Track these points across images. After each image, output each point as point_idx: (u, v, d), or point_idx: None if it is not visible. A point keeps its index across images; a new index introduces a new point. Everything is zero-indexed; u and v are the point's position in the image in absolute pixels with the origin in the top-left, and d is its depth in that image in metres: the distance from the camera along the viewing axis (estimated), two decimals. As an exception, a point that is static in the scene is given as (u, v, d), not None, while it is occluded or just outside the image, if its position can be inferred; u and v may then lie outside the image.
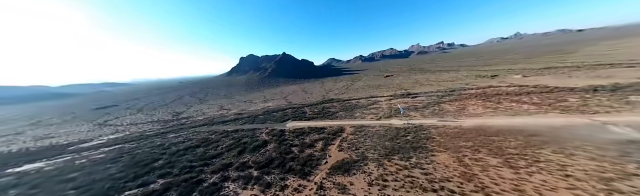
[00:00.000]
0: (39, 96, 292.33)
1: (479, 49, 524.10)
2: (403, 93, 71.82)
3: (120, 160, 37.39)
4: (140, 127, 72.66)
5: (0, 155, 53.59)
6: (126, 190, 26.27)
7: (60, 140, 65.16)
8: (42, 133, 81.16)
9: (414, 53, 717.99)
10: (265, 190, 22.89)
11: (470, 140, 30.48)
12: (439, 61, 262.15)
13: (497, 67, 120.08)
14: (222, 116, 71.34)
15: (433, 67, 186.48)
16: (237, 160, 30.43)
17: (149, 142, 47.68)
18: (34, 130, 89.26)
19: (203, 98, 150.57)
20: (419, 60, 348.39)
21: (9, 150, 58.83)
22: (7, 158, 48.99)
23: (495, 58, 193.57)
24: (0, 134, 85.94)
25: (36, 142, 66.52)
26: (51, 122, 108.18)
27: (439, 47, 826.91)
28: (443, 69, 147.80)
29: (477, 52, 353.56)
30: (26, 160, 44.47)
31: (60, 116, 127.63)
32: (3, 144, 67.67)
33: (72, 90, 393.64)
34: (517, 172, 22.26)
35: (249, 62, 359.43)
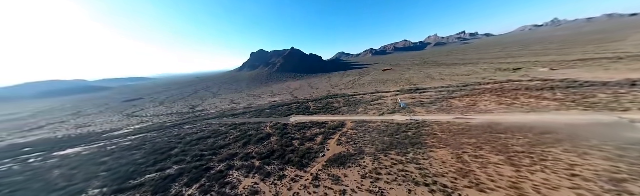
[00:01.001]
0: (79, 89, 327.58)
1: (506, 38, 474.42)
2: (411, 88, 69.38)
3: (144, 148, 41.93)
4: (162, 118, 79.42)
5: (48, 140, 62.56)
6: (147, 174, 29.85)
7: (96, 128, 73.84)
8: (81, 122, 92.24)
9: (430, 45, 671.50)
10: (265, 179, 24.75)
11: (474, 137, 29.54)
12: (457, 53, 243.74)
13: (522, 60, 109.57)
14: (232, 109, 75.20)
15: (449, 60, 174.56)
16: (242, 150, 32.80)
17: (167, 132, 52.45)
18: (76, 120, 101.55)
19: (216, 92, 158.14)
20: (434, 53, 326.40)
21: (56, 136, 68.22)
22: (55, 143, 57.07)
23: (524, 49, 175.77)
24: (49, 122, 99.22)
25: (77, 129, 76.10)
26: (89, 113, 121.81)
27: (460, 37, 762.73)
28: (460, 62, 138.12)
29: (503, 43, 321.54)
30: (69, 145, 51.55)
31: (96, 107, 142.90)
32: (51, 131, 78.42)
33: (106, 84, 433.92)
34: (518, 170, 21.58)
35: (259, 58, 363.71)
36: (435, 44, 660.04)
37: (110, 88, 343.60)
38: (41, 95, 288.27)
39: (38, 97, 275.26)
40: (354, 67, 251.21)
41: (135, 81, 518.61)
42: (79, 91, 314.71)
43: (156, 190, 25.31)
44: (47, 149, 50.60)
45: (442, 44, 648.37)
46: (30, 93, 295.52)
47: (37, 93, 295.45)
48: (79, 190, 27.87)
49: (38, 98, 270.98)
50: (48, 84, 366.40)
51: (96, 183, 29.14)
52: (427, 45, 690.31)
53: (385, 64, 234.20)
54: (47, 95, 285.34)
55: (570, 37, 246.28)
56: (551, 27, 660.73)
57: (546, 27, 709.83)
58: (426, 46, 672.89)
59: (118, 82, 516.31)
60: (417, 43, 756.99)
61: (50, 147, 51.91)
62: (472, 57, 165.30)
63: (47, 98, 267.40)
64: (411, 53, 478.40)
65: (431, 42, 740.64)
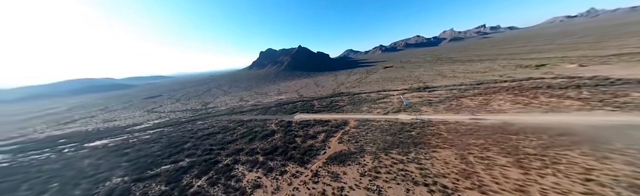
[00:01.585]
0: (107, 87, 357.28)
1: (533, 31, 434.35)
2: (420, 86, 66.96)
3: (160, 141, 45.24)
4: (177, 114, 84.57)
5: (80, 133, 69.41)
6: (162, 165, 32.38)
7: (120, 122, 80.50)
8: (108, 117, 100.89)
9: (445, 40, 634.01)
10: (268, 173, 25.86)
11: (483, 138, 28.34)
12: (475, 49, 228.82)
13: (548, 55, 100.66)
14: (241, 107, 78.00)
15: (465, 56, 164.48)
16: (248, 146, 34.31)
17: (182, 127, 55.95)
18: (103, 115, 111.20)
19: (227, 90, 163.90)
20: (449, 49, 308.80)
21: (86, 129, 75.47)
22: (85, 135, 63.28)
23: (551, 43, 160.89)
24: (81, 117, 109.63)
25: (104, 123, 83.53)
26: (115, 108, 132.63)
27: (479, 31, 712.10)
28: (476, 59, 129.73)
29: (529, 36, 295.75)
30: (97, 138, 56.94)
31: (121, 103, 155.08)
32: (83, 124, 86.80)
33: (130, 82, 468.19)
34: (527, 173, 20.56)
35: (268, 56, 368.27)
36: (451, 39, 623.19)
37: (134, 86, 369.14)
38: (76, 91, 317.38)
39: (73, 94, 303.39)
40: (361, 65, 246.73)
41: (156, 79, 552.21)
42: (107, 88, 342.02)
43: (170, 180, 27.49)
44: (79, 141, 56.32)
45: (459, 39, 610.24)
46: (66, 90, 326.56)
47: (73, 90, 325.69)
48: (105, 177, 31.00)
49: (73, 94, 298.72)
50: (81, 82, 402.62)
51: (119, 172, 32.19)
52: (442, 40, 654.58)
53: (395, 61, 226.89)
54: (80, 92, 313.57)
55: (607, 28, 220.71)
56: (586, 18, 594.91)
57: (580, 17, 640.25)
58: (441, 41, 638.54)
59: (141, 80, 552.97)
60: (430, 38, 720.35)
61: (81, 139, 57.71)
62: (491, 53, 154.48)
63: (80, 94, 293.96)
64: (424, 49, 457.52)
65: (446, 37, 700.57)
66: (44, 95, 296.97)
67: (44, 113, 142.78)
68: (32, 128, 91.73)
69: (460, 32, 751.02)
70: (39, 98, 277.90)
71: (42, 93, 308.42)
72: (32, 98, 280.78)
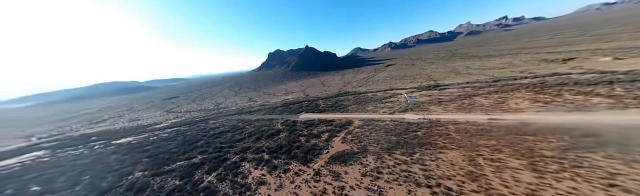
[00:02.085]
0: (133, 89, 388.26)
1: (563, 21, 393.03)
2: (430, 84, 64.07)
3: (177, 139, 48.40)
4: (192, 114, 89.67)
5: (109, 131, 76.31)
6: (178, 161, 34.72)
7: (143, 122, 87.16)
8: (133, 116, 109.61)
9: (461, 34, 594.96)
10: (272, 171, 26.73)
11: (495, 139, 26.82)
12: (494, 42, 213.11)
13: (578, 47, 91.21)
14: (250, 107, 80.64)
15: (482, 51, 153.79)
16: (254, 144, 35.60)
17: (196, 126, 59.29)
18: (129, 114, 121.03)
19: (237, 91, 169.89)
20: (465, 43, 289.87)
21: (115, 128, 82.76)
22: (113, 133, 69.47)
23: (583, 35, 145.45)
24: (110, 116, 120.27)
25: (129, 122, 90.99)
26: (139, 108, 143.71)
27: (500, 24, 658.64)
28: (495, 53, 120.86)
29: (557, 27, 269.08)
30: (123, 135, 62.25)
31: (144, 104, 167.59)
32: (111, 123, 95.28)
33: (153, 84, 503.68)
34: (541, 176, 19.23)
35: (276, 57, 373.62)
36: (468, 33, 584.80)
37: (156, 88, 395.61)
38: (106, 93, 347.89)
39: (104, 95, 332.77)
40: (369, 63, 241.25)
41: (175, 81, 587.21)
42: (133, 90, 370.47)
43: (183, 175, 29.48)
44: (107, 138, 61.99)
45: (476, 33, 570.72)
46: (98, 92, 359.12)
47: (103, 92, 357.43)
48: (128, 172, 33.97)
49: (104, 96, 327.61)
50: (111, 85, 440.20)
51: (140, 167, 35.08)
52: (458, 34, 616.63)
53: (405, 58, 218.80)
54: (110, 94, 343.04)
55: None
56: (628, 4, 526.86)
57: (621, 4, 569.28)
58: (456, 36, 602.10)
59: (162, 82, 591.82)
60: (445, 33, 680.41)
61: (109, 137, 63.45)
62: (512, 47, 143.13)
63: (110, 96, 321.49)
64: (437, 45, 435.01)
65: (462, 31, 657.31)
66: (80, 97, 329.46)
67: (79, 113, 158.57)
68: (69, 126, 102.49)
69: (479, 25, 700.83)
70: (76, 100, 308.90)
71: (79, 95, 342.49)
72: (71, 100, 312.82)
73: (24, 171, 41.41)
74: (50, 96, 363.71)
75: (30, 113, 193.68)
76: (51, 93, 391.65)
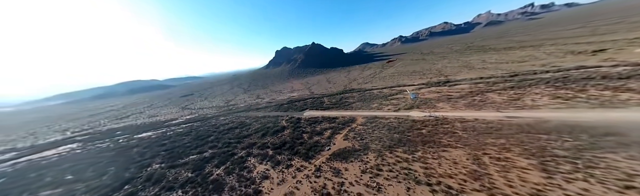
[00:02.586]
0: (153, 87, 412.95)
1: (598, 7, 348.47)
2: (440, 80, 61.30)
3: (190, 134, 51.45)
4: (205, 110, 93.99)
5: (132, 126, 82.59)
6: (190, 155, 37.15)
7: (161, 118, 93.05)
8: (153, 113, 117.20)
9: (480, 25, 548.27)
10: (275, 166, 27.83)
11: (504, 137, 25.66)
12: (516, 33, 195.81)
13: (612, 37, 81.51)
14: (257, 104, 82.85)
15: (501, 43, 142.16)
16: (260, 140, 37.01)
17: (207, 122, 62.41)
18: (149, 111, 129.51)
19: (246, 88, 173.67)
20: (483, 35, 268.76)
21: (136, 123, 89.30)
22: (136, 128, 75.16)
23: (621, 22, 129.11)
24: (133, 113, 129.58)
25: (149, 118, 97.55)
26: (158, 105, 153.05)
27: (524, 12, 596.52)
28: (516, 45, 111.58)
29: (591, 14, 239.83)
30: (144, 130, 67.21)
31: (162, 101, 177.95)
32: (134, 119, 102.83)
33: (170, 83, 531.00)
34: (551, 177, 18.35)
35: (283, 55, 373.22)
36: (487, 24, 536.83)
37: (173, 86, 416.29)
38: (130, 91, 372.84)
39: (128, 93, 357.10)
40: (377, 59, 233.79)
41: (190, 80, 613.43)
42: (153, 88, 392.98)
43: (195, 168, 31.60)
44: (130, 133, 67.27)
45: (497, 23, 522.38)
46: (123, 90, 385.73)
47: (127, 90, 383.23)
48: (147, 163, 37.00)
49: (128, 94, 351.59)
50: (133, 83, 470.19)
51: (158, 160, 38.02)
52: (476, 25, 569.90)
53: (415, 53, 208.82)
54: (133, 92, 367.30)
55: None
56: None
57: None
58: (474, 27, 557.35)
59: (178, 80, 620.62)
60: (461, 24, 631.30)
61: (132, 131, 68.79)
62: (536, 38, 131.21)
63: (133, 94, 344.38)
64: (452, 37, 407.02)
65: (481, 21, 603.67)
66: (108, 94, 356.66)
67: (106, 109, 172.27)
68: (98, 122, 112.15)
69: (500, 14, 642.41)
70: (104, 97, 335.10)
71: (106, 93, 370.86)
72: (99, 97, 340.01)
73: (60, 162, 46.57)
74: (80, 94, 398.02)
75: (64, 110, 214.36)
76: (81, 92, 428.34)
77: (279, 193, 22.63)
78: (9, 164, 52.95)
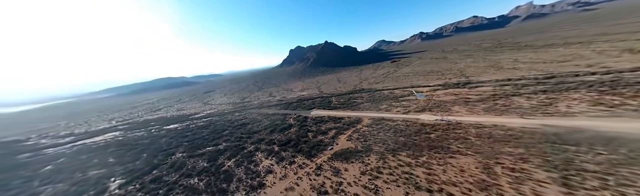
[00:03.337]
0: (181, 83, 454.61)
1: None
2: (459, 81, 56.55)
3: (209, 128, 56.00)
4: (223, 106, 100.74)
5: (163, 118, 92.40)
6: (207, 147, 40.67)
7: (186, 112, 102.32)
8: (180, 107, 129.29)
9: (518, 19, 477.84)
10: (279, 162, 29.23)
11: (524, 147, 23.42)
12: (563, 27, 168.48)
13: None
14: (269, 101, 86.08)
15: (542, 39, 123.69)
16: (268, 137, 38.89)
17: (224, 117, 67.07)
18: (177, 105, 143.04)
19: (261, 86, 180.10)
20: (520, 30, 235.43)
21: (166, 115, 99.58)
22: (165, 120, 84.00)
23: None
24: (164, 106, 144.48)
25: (177, 112, 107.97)
26: (185, 100, 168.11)
27: (577, 2, 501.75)
28: (559, 42, 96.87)
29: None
30: (172, 122, 74.84)
31: (189, 96, 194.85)
32: (165, 112, 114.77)
33: (196, 80, 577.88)
34: (571, 193, 16.55)
35: (297, 54, 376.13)
36: (527, 17, 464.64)
37: (198, 83, 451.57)
38: (163, 87, 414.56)
39: (161, 89, 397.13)
40: (393, 57, 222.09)
41: (212, 77, 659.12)
42: (182, 85, 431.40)
43: (210, 158, 34.65)
44: (161, 124, 75.41)
45: (540, 16, 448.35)
46: (157, 86, 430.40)
47: (161, 86, 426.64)
48: (172, 152, 41.47)
49: (161, 89, 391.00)
50: (166, 80, 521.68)
51: (180, 149, 42.37)
52: (513, 19, 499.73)
53: (435, 51, 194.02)
54: (166, 87, 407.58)
55: None
56: None
57: None
58: (510, 21, 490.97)
59: (202, 78, 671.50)
60: (494, 18, 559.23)
61: (162, 123, 77.02)
62: (587, 33, 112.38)
63: (166, 89, 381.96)
64: (481, 33, 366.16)
65: (520, 14, 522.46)
66: (144, 89, 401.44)
67: (143, 103, 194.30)
68: (136, 113, 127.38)
69: (544, 5, 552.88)
70: (141, 92, 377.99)
71: (145, 88, 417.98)
72: (138, 92, 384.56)
73: (105, 147, 54.46)
74: (124, 88, 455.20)
75: (111, 102, 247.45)
76: (124, 86, 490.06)
77: (280, 187, 23.89)
78: (68, 146, 63.51)
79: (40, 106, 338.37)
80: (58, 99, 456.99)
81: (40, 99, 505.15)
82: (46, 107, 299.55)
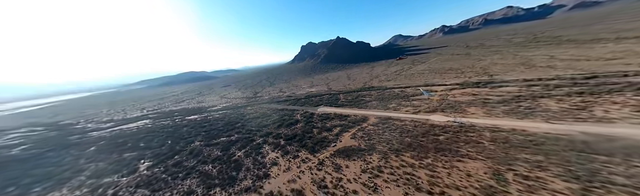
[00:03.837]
0: (202, 77, 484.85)
1: None
2: (481, 80, 51.75)
3: (223, 120, 59.69)
4: (237, 100, 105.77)
5: (185, 109, 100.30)
6: (221, 137, 43.65)
7: (205, 104, 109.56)
8: (200, 99, 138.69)
9: (564, 8, 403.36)
10: (284, 155, 30.51)
11: (544, 154, 21.55)
12: (620, 18, 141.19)
13: None
14: (279, 97, 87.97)
15: (589, 32, 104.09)
16: (276, 131, 40.44)
17: (237, 111, 70.72)
18: (198, 98, 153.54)
19: (272, 82, 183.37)
20: (564, 22, 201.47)
21: (188, 107, 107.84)
22: (187, 111, 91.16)
23: None
24: (187, 98, 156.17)
25: (197, 104, 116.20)
26: (204, 93, 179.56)
27: None
28: (611, 36, 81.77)
29: None
30: (192, 114, 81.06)
31: (208, 90, 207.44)
32: (187, 104, 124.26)
33: (215, 74, 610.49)
34: (590, 208, 15.06)
35: (308, 50, 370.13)
36: (574, 6, 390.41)
37: (217, 77, 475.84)
38: (186, 80, 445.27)
39: (185, 82, 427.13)
40: (408, 53, 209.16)
41: (230, 72, 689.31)
42: (203, 79, 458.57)
43: (223, 148, 37.32)
44: (183, 114, 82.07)
45: (592, 4, 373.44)
46: (182, 79, 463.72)
47: (185, 79, 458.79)
48: (191, 140, 45.33)
49: (185, 82, 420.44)
50: (189, 74, 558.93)
51: (199, 138, 46.08)
52: (556, 9, 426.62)
53: (458, 46, 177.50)
54: (189, 81, 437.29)
55: None
56: None
57: None
58: (553, 11, 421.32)
59: (221, 72, 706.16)
60: (533, 8, 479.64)
61: (185, 113, 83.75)
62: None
63: (189, 83, 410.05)
64: (515, 25, 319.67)
65: (566, 3, 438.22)
66: (171, 82, 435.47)
67: (170, 94, 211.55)
68: (164, 104, 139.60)
69: None
70: (169, 84, 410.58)
71: (171, 81, 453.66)
72: (166, 84, 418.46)
73: (137, 132, 61.21)
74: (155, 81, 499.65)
75: (144, 93, 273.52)
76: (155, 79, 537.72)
77: (283, 178, 25.16)
78: (108, 131, 72.57)
79: (88, 94, 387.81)
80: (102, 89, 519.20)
81: (90, 88, 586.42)
82: (93, 95, 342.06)
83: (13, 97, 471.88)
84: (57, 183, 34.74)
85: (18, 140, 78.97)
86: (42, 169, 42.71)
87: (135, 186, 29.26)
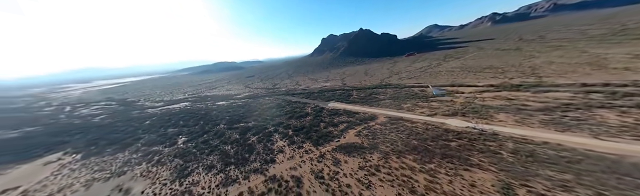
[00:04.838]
0: (233, 67, 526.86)
1: None
2: (524, 82, 43.77)
3: (244, 107, 65.22)
4: (258, 90, 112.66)
5: (216, 95, 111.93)
6: (241, 123, 48.29)
7: (232, 92, 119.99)
8: (228, 88, 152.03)
9: None
10: (290, 144, 32.55)
11: (575, 173, 18.67)
12: None
13: None
14: (294, 90, 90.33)
15: None
16: (286, 121, 42.79)
17: (256, 100, 76.01)
18: (226, 86, 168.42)
19: (290, 74, 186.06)
20: None
21: (219, 94, 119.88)
22: (218, 97, 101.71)
23: None
24: (219, 86, 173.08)
25: (226, 91, 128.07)
26: (232, 82, 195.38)
27: None
28: None
29: None
30: (221, 100, 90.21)
31: (235, 79, 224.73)
32: (218, 91, 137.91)
33: (243, 65, 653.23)
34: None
35: (328, 42, 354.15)
36: None
37: (244, 68, 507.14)
38: (220, 70, 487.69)
39: (220, 71, 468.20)
40: (441, 47, 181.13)
41: (255, 63, 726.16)
42: (233, 69, 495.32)
43: (241, 132, 41.56)
44: (214, 100, 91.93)
45: None
46: (217, 68, 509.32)
47: (219, 68, 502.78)
48: (217, 123, 51.30)
49: (219, 71, 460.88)
50: (222, 64, 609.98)
51: (223, 122, 51.82)
52: None
53: (509, 39, 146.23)
54: (222, 70, 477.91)
55: None
56: None
57: None
58: None
59: (248, 63, 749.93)
60: None
61: (215, 99, 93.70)
62: None
63: (221, 72, 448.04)
64: (597, 12, 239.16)
65: None
66: (208, 71, 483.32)
67: (206, 82, 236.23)
68: (200, 90, 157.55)
69: None
70: (206, 73, 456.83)
71: (207, 70, 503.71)
72: (204, 73, 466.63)
73: (179, 112, 71.57)
74: (195, 69, 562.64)
75: (187, 79, 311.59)
76: (195, 67, 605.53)
77: (286, 165, 27.31)
78: (159, 109, 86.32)
79: (148, 78, 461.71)
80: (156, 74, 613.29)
81: (149, 72, 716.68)
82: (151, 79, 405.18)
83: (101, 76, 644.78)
84: (122, 146, 44.40)
85: (99, 111, 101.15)
86: (113, 135, 54.71)
87: (173, 156, 35.45)
